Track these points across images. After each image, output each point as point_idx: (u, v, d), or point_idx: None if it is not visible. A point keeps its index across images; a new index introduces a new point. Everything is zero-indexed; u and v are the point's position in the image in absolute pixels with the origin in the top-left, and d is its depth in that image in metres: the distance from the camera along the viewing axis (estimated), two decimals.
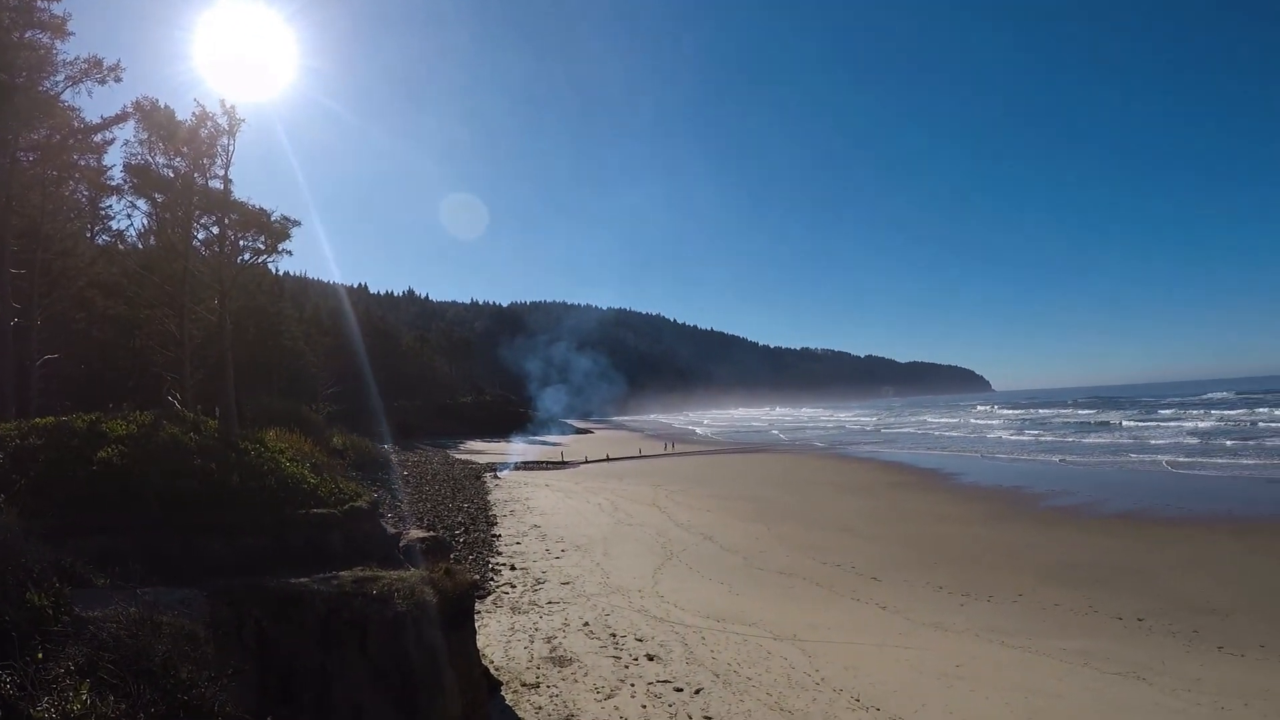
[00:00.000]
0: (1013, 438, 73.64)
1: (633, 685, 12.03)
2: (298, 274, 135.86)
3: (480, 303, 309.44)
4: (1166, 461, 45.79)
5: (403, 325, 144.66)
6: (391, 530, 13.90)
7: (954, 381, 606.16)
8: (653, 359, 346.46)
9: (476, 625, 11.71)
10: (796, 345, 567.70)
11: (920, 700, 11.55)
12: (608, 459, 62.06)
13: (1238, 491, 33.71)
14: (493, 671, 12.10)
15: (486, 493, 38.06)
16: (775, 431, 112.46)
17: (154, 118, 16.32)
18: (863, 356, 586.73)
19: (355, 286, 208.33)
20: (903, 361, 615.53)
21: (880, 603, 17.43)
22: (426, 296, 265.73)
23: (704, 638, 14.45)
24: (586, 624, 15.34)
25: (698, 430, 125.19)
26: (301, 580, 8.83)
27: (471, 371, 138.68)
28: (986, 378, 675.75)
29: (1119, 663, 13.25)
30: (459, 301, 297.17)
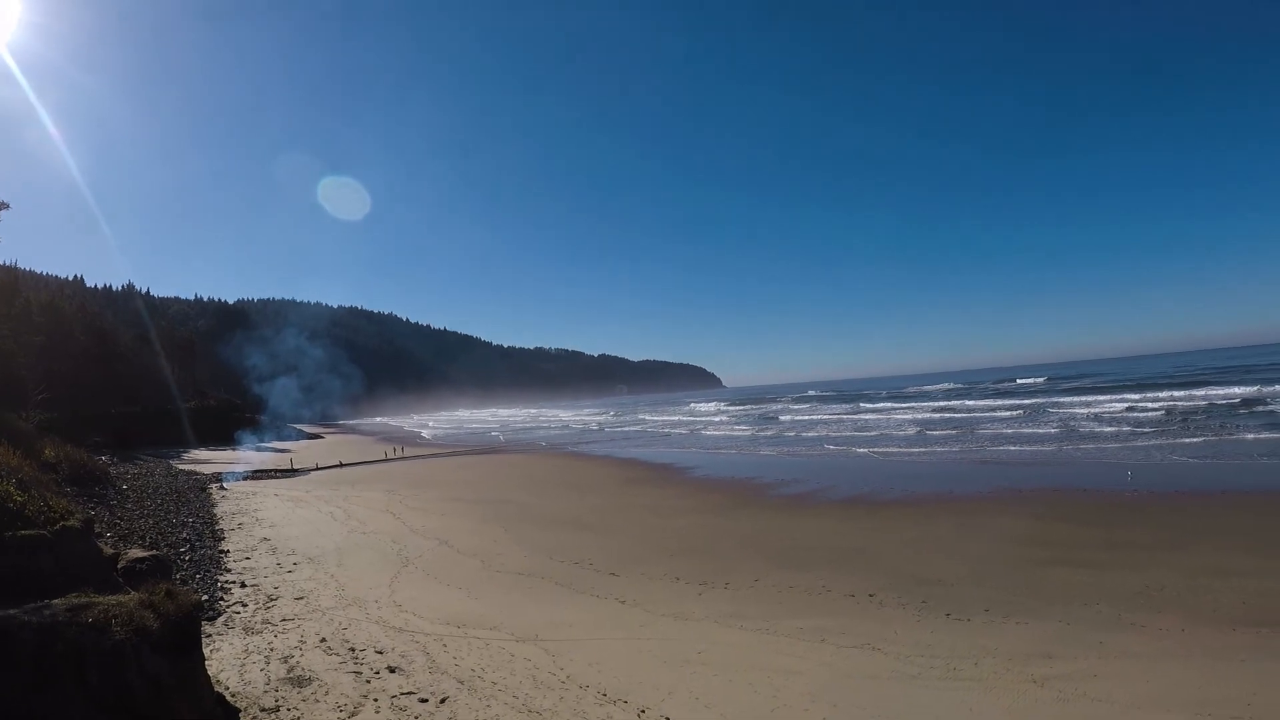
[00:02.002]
0: (742, 432, 79.42)
1: (376, 700, 11.85)
2: (7, 263, 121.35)
3: (205, 299, 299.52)
4: (876, 450, 51.50)
5: (122, 323, 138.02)
6: (110, 550, 13.27)
7: (686, 379, 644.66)
8: (386, 359, 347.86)
9: (207, 649, 11.60)
10: (531, 345, 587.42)
11: (666, 689, 12.11)
12: (340, 465, 62.13)
13: (952, 473, 38.36)
14: (228, 698, 11.44)
15: (213, 505, 36.82)
16: (496, 434, 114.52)
17: None
18: (596, 356, 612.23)
19: (71, 279, 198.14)
20: (636, 360, 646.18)
21: (620, 597, 18.10)
22: (148, 292, 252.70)
23: (446, 645, 14.42)
24: (324, 640, 14.91)
25: (423, 433, 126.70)
26: (9, 611, 8.14)
27: (196, 374, 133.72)
28: (718, 375, 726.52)
29: (854, 636, 14.52)
30: (183, 298, 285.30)
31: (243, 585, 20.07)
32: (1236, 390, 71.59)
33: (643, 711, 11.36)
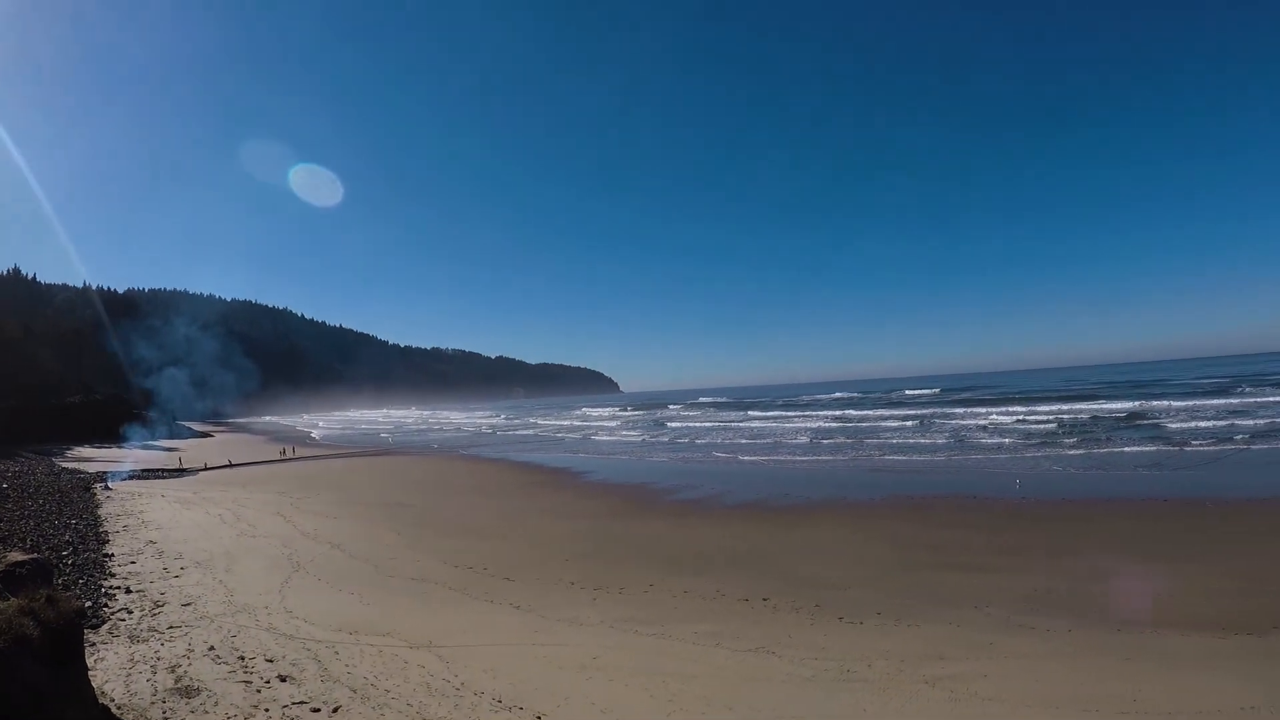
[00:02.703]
0: (636, 438, 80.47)
1: (267, 710, 11.59)
2: None
3: (94, 287, 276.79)
4: (770, 457, 52.30)
5: (4, 311, 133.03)
6: None
7: (584, 383, 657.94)
8: (281, 356, 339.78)
9: (91, 659, 11.29)
10: (428, 345, 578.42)
11: (563, 695, 12.12)
12: (230, 465, 61.03)
13: (846, 480, 39.36)
14: (113, 710, 11.03)
15: (97, 506, 35.55)
16: (386, 435, 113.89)
17: None
18: (494, 358, 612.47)
19: None
20: (533, 363, 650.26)
21: (515, 602, 18.08)
22: (34, 277, 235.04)
23: (338, 652, 14.20)
24: (212, 648, 14.53)
25: (313, 434, 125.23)
26: None
27: (82, 367, 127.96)
28: (616, 380, 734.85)
29: (749, 640, 14.78)
30: (70, 285, 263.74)
31: (128, 591, 19.47)
32: (1122, 405, 75.56)
33: (539, 718, 11.33)
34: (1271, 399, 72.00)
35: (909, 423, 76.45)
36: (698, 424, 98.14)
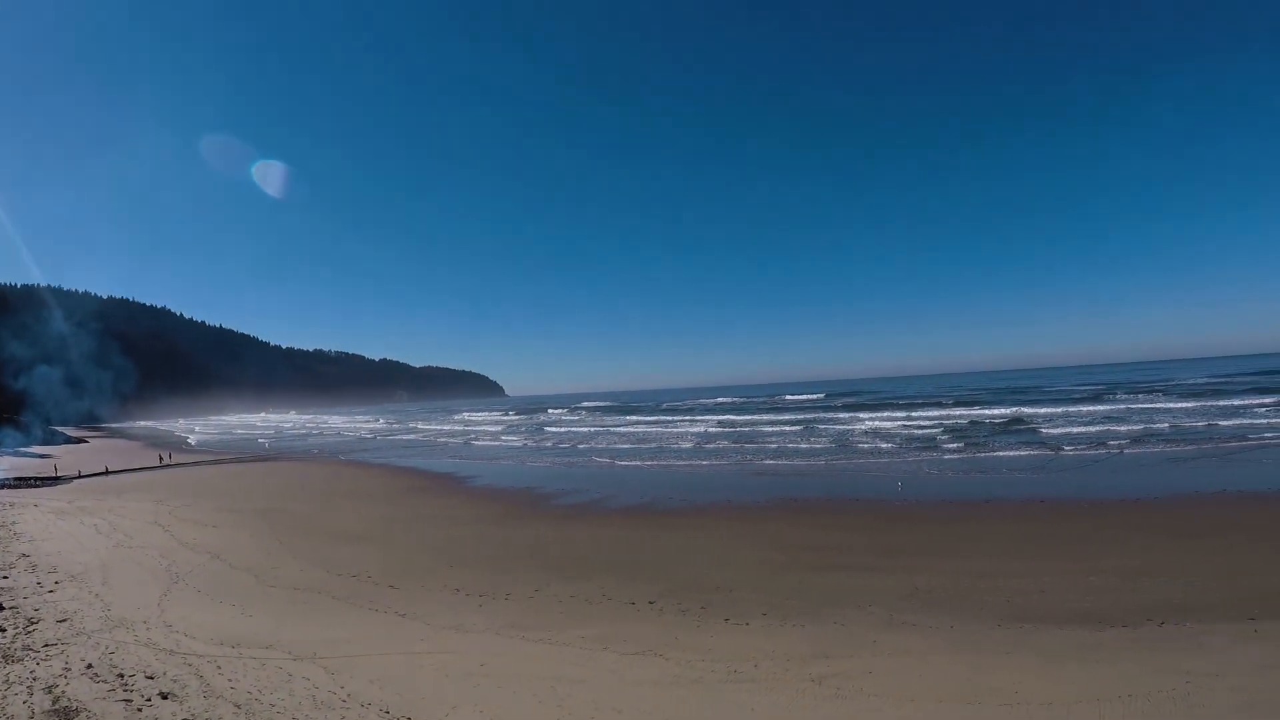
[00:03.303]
0: (520, 442, 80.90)
1: None
2: None
3: None
4: (655, 461, 53.16)
5: None
6: None
7: (469, 387, 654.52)
8: (160, 357, 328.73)
9: None
10: (310, 347, 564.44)
11: (450, 704, 12.04)
12: (106, 472, 59.82)
13: (731, 483, 40.28)
14: None
15: None
16: (264, 441, 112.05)
17: None
18: (378, 360, 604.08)
19: None
20: (418, 366, 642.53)
21: (400, 610, 17.95)
22: None
23: (220, 667, 13.83)
24: (90, 666, 13.96)
25: (190, 439, 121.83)
26: None
27: None
28: (501, 383, 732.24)
29: (636, 643, 14.88)
30: None
31: (0, 608, 18.66)
32: (1001, 411, 78.72)
33: None
34: (1144, 405, 76.19)
35: (792, 427, 78.05)
36: (581, 428, 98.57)
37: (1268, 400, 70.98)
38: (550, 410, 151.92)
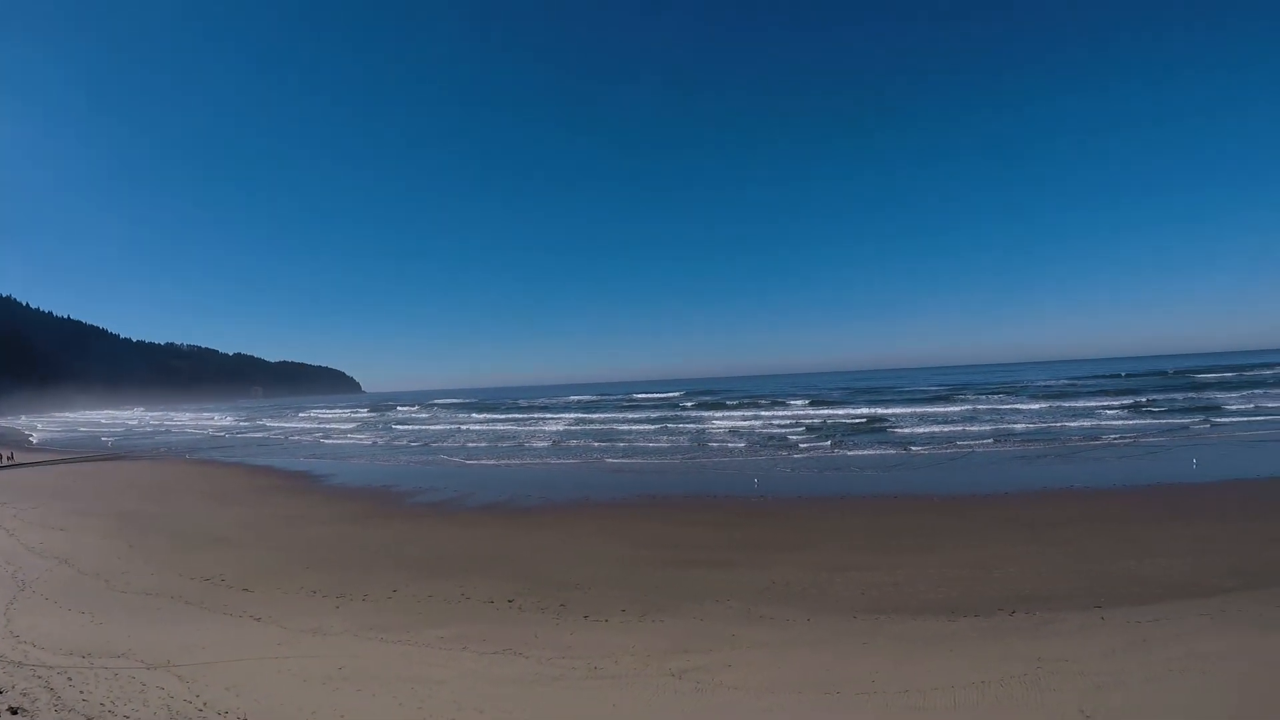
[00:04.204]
0: (375, 440, 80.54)
1: None
2: None
3: None
4: (514, 459, 53.96)
5: None
6: None
7: (325, 383, 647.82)
8: (1, 349, 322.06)
9: None
10: (162, 340, 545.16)
11: (310, 709, 11.84)
12: None
13: (589, 481, 40.87)
14: None
15: None
16: (108, 439, 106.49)
17: None
18: (231, 355, 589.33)
19: None
20: (272, 361, 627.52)
21: (255, 614, 17.61)
22: None
23: (71, 678, 13.26)
24: None
25: (32, 437, 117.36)
26: None
27: None
28: (358, 379, 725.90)
29: (495, 643, 14.93)
30: None
31: None
32: (857, 410, 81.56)
33: None
34: (996, 406, 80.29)
35: (649, 425, 79.18)
36: (437, 426, 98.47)
37: (1112, 403, 76.03)
38: (404, 408, 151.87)
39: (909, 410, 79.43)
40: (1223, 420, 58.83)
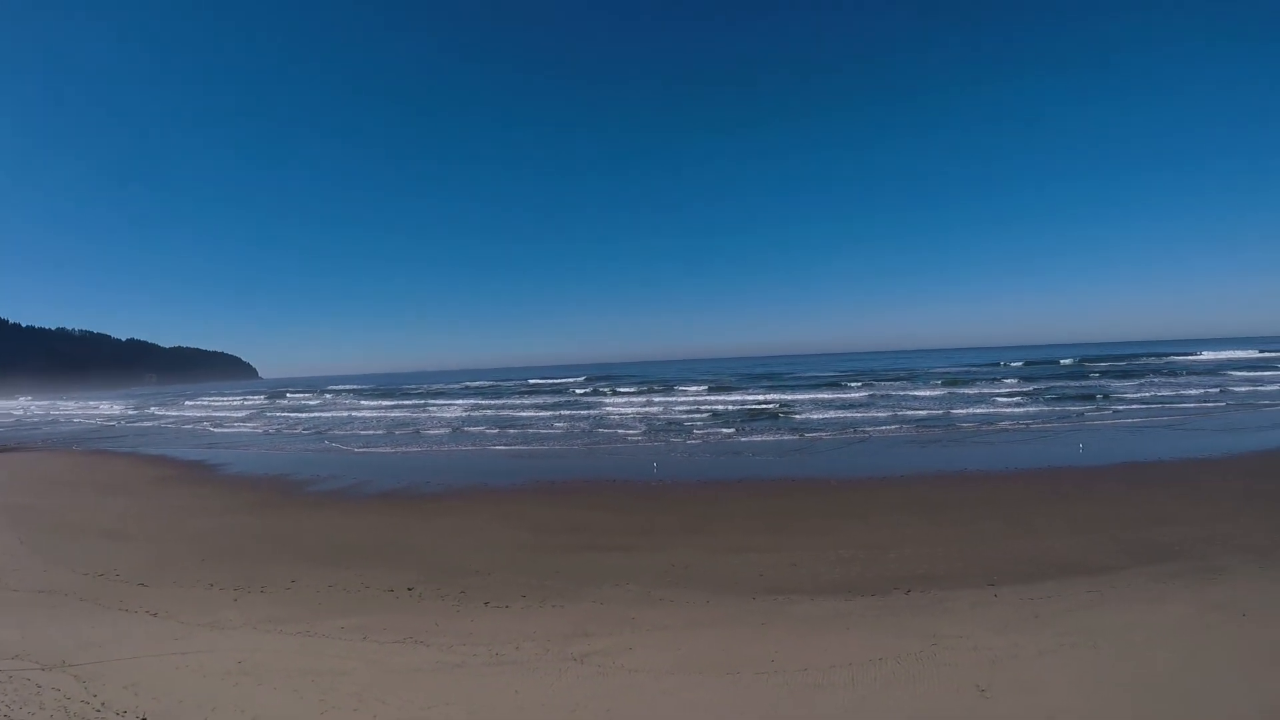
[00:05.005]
0: (273, 428, 79.40)
1: None
2: None
3: None
4: (413, 445, 54.09)
5: None
6: None
7: (220, 369, 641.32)
8: None
9: None
10: (52, 325, 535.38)
11: (210, 705, 11.80)
12: None
13: (488, 466, 40.86)
14: None
15: None
16: None
17: None
18: (124, 340, 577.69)
19: None
20: (167, 346, 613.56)
21: (151, 609, 17.36)
22: None
23: None
24: None
25: None
26: None
27: None
28: (254, 365, 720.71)
29: (396, 632, 15.04)
30: None
31: None
32: (756, 396, 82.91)
33: None
34: (893, 392, 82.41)
35: (549, 410, 79.45)
36: (334, 413, 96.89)
37: (1006, 390, 79.11)
38: (300, 394, 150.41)
39: (808, 396, 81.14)
40: (1111, 407, 61.21)
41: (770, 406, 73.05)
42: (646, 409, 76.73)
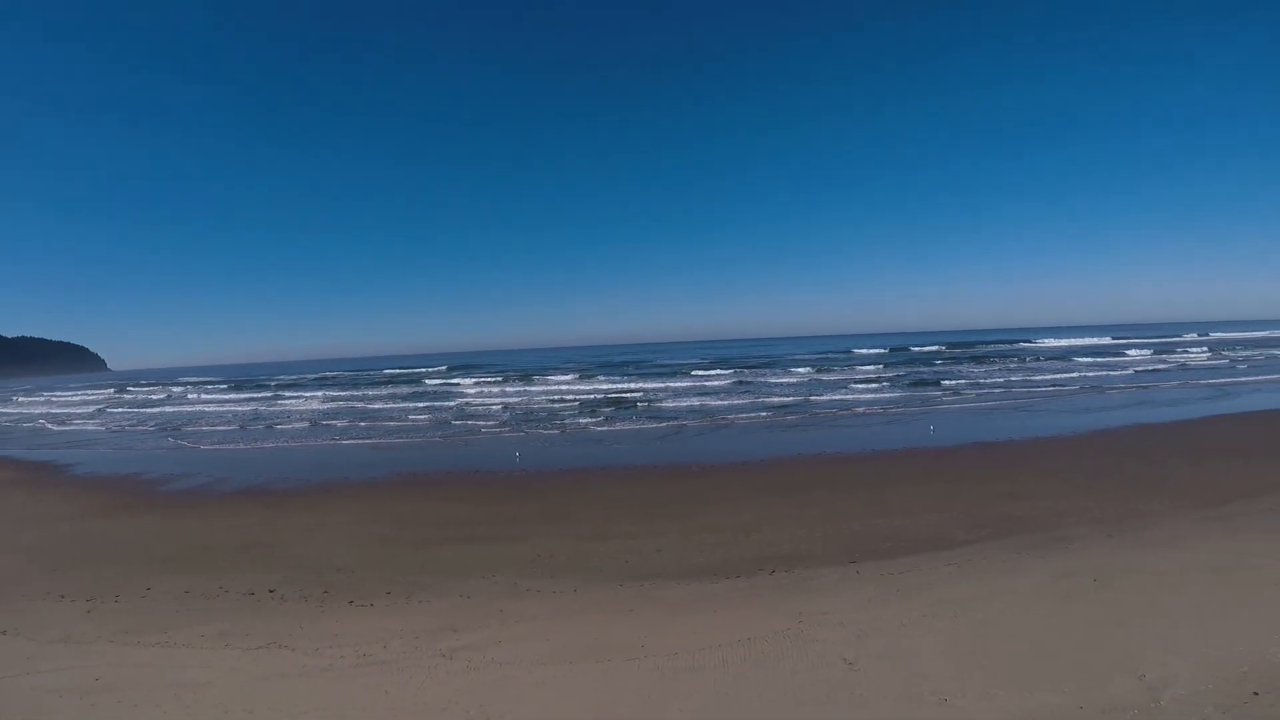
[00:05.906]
0: (119, 425, 75.74)
1: None
2: None
3: None
4: (269, 440, 53.13)
5: None
6: None
7: (64, 360, 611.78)
8: None
9: None
10: None
11: None
12: None
13: (349, 460, 40.31)
14: None
15: None
16: None
17: None
18: None
19: None
20: (10, 336, 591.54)
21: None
22: None
23: None
24: None
25: None
26: None
27: None
28: (102, 356, 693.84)
29: (259, 636, 14.74)
30: None
31: None
32: (617, 385, 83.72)
33: None
34: (755, 379, 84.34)
35: (407, 401, 78.52)
36: (185, 407, 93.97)
37: (863, 376, 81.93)
38: (148, 387, 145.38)
39: (671, 384, 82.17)
40: (965, 391, 64.20)
41: (633, 395, 73.93)
42: (509, 398, 76.65)
